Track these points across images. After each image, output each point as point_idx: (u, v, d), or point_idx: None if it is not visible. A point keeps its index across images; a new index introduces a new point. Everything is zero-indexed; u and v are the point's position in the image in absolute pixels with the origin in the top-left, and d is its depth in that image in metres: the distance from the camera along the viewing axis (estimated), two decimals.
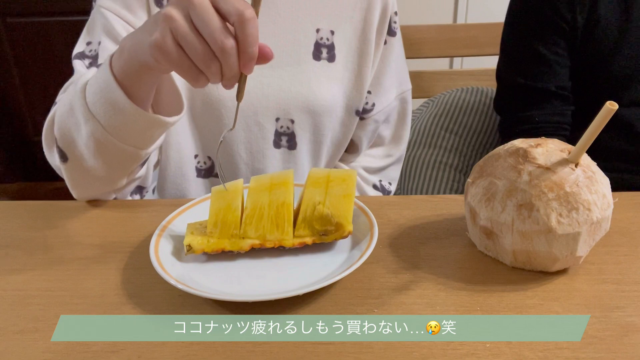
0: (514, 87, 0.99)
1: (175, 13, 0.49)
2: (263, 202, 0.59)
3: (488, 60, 1.27)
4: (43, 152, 0.73)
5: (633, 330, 0.48)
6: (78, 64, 0.75)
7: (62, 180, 0.72)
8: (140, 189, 0.83)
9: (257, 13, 0.50)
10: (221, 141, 0.59)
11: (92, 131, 0.62)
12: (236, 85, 0.54)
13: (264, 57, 0.52)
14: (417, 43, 1.26)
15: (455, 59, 2.07)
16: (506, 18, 1.01)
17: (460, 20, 2.05)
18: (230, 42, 0.49)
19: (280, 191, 0.59)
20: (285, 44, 0.84)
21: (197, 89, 0.81)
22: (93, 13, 0.78)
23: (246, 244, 0.58)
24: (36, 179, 2.43)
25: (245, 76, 0.53)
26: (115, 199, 0.76)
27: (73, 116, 0.63)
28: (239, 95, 0.54)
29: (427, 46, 1.27)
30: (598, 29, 0.91)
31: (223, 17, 0.49)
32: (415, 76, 1.26)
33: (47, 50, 2.18)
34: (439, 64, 2.00)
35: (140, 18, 0.78)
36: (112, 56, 0.60)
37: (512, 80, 0.99)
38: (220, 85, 0.58)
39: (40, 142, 0.73)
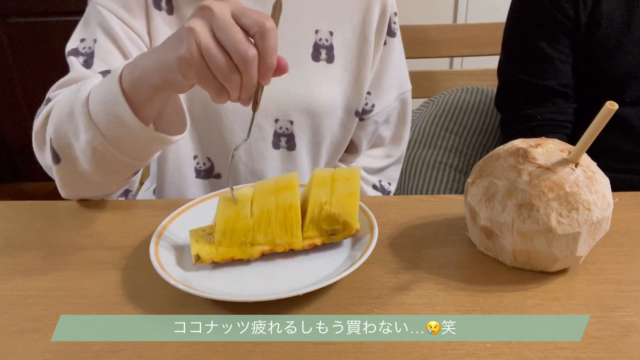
0: (515, 84, 0.98)
1: (199, 26, 0.49)
2: (270, 207, 0.58)
3: (488, 60, 1.27)
4: None
5: (633, 330, 0.48)
6: (74, 61, 0.75)
7: None
8: (126, 192, 0.83)
9: (276, 24, 0.51)
10: (233, 154, 0.58)
11: (92, 139, 0.62)
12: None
13: (280, 68, 0.53)
14: (417, 43, 1.26)
15: (455, 59, 2.07)
16: (508, 15, 1.01)
17: (461, 20, 2.05)
18: (252, 52, 0.49)
19: (286, 194, 0.58)
20: (284, 45, 0.84)
21: (197, 90, 0.80)
22: (88, 9, 0.78)
23: (256, 251, 0.57)
24: (36, 179, 2.43)
25: (262, 87, 0.54)
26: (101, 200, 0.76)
27: (72, 121, 0.63)
28: (255, 106, 0.54)
29: (427, 46, 1.27)
30: (601, 27, 0.91)
31: (244, 29, 0.50)
32: (415, 76, 1.26)
33: (46, 50, 2.18)
34: (439, 64, 2.00)
35: (138, 19, 0.77)
36: (122, 70, 0.59)
37: (514, 77, 0.98)
38: None
39: None
